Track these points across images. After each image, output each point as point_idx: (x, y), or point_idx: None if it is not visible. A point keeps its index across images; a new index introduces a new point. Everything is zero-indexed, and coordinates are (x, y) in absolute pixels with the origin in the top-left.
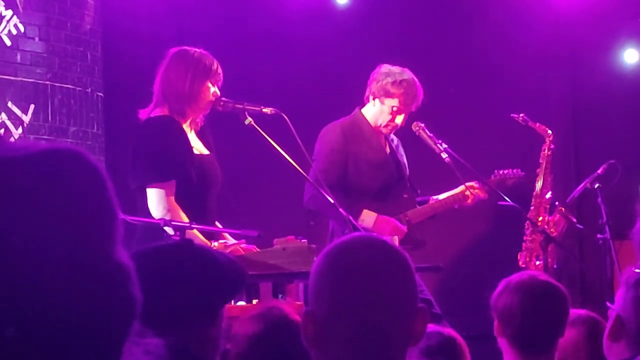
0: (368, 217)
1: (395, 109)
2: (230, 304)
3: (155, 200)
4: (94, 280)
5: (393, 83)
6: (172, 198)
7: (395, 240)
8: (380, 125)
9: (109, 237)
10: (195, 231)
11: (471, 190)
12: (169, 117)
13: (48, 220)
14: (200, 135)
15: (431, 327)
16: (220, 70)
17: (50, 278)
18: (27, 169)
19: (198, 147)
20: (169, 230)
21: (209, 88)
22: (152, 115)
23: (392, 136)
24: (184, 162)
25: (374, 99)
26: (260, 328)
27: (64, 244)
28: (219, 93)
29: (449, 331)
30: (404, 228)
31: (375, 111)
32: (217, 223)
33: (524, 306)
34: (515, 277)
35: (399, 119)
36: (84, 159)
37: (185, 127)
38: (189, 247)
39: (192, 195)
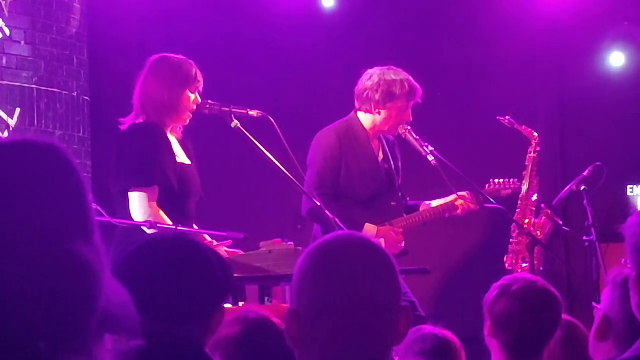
0: (370, 232)
1: (403, 108)
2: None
3: (138, 204)
4: (50, 270)
5: (394, 85)
6: (154, 203)
7: (382, 244)
8: (389, 128)
9: (73, 231)
10: None
11: (463, 199)
12: (154, 124)
13: (13, 205)
14: (182, 144)
15: (427, 328)
16: (200, 77)
17: (6, 262)
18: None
19: (181, 156)
20: (153, 232)
21: (189, 97)
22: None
23: (389, 137)
24: (166, 169)
25: (376, 107)
26: (238, 331)
27: (26, 231)
28: (200, 100)
29: (445, 333)
30: (402, 245)
31: (382, 119)
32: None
33: (522, 314)
34: (513, 283)
35: (408, 116)
36: (59, 153)
37: (169, 135)
38: (184, 239)
39: (172, 203)
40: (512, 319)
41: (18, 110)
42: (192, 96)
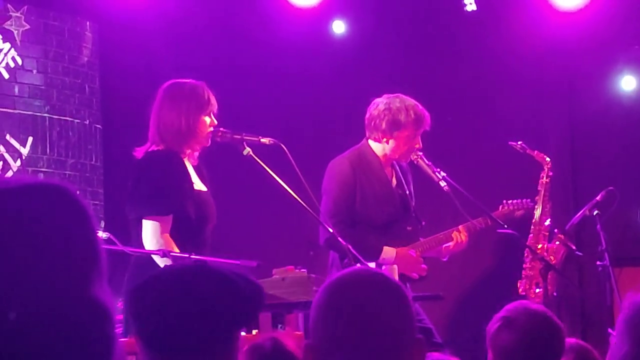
0: (389, 255)
1: (411, 136)
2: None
3: (150, 233)
4: (69, 315)
5: (400, 113)
6: (167, 234)
7: (395, 270)
8: (399, 156)
9: (88, 274)
10: None
11: (458, 232)
12: (172, 152)
13: (29, 252)
14: (197, 170)
15: (436, 356)
16: (213, 99)
17: (27, 309)
18: (14, 200)
19: (197, 183)
20: (167, 261)
21: (205, 122)
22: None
23: (403, 163)
24: (183, 199)
25: (384, 136)
26: None
27: (43, 277)
28: (215, 122)
29: None
30: (424, 267)
31: (391, 147)
32: None
33: (526, 346)
34: (515, 314)
35: (418, 144)
36: (70, 196)
37: (186, 162)
38: (205, 268)
39: (189, 232)
40: (515, 351)
41: (30, 138)
42: (208, 119)
